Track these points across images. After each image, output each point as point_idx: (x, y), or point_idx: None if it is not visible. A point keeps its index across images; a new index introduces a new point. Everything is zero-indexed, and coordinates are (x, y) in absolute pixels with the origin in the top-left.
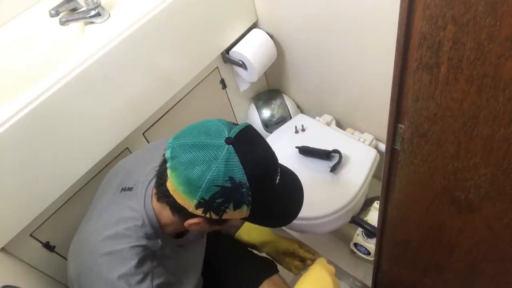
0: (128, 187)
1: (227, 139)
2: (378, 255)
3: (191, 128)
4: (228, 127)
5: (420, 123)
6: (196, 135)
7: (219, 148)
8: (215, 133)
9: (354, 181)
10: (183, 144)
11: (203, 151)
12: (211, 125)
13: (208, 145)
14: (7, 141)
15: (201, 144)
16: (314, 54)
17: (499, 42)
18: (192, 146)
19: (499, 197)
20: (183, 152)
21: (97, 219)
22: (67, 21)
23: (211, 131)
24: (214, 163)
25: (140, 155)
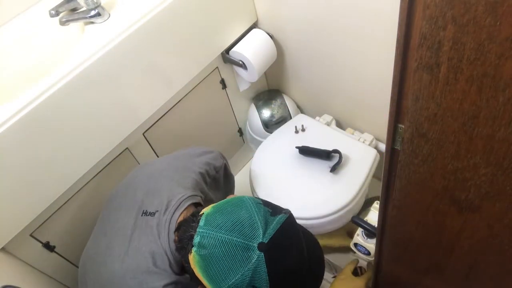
0: (150, 212)
1: (260, 244)
2: (378, 255)
3: (225, 213)
4: (263, 222)
5: (420, 123)
6: (228, 229)
7: (250, 254)
8: (249, 232)
9: (354, 181)
10: (214, 236)
11: (233, 253)
12: (246, 217)
13: (239, 246)
14: (7, 141)
15: (232, 243)
16: (314, 54)
17: (499, 42)
18: (223, 243)
19: (499, 197)
20: (212, 245)
21: (123, 246)
22: (67, 21)
23: (245, 227)
24: (241, 270)
25: (159, 173)
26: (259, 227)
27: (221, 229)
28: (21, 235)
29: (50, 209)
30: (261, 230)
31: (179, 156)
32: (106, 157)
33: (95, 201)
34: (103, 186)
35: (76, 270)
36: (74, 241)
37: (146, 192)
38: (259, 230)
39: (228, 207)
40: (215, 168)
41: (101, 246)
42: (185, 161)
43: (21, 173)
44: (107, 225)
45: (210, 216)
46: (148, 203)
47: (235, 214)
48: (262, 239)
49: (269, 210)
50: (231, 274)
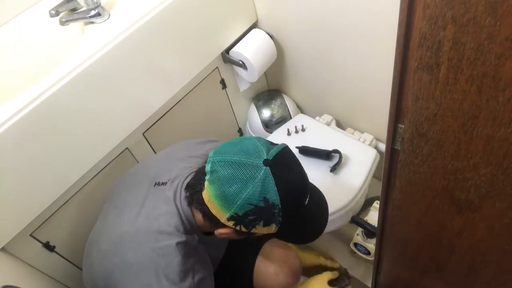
0: (162, 182)
1: (265, 160)
2: (378, 255)
3: (231, 144)
4: (266, 147)
5: (420, 123)
6: (236, 153)
7: (257, 168)
8: (254, 153)
9: (354, 181)
10: (223, 160)
11: (242, 170)
12: (250, 144)
13: (247, 164)
14: (7, 141)
15: (240, 162)
16: (314, 54)
17: (499, 42)
18: (232, 164)
19: (499, 197)
20: (222, 168)
21: (135, 211)
22: (67, 21)
23: (250, 150)
24: (251, 182)
25: (168, 155)
26: (263, 150)
27: (229, 154)
28: (21, 235)
29: (50, 209)
30: (265, 151)
31: (186, 144)
32: (106, 157)
33: (95, 201)
34: (103, 186)
35: (76, 270)
36: (74, 241)
37: (157, 169)
38: (263, 151)
39: (232, 140)
40: None
41: (109, 218)
42: (193, 147)
43: (21, 173)
44: (118, 200)
45: (218, 148)
46: (160, 175)
47: (239, 143)
48: (266, 156)
49: (268, 141)
50: (243, 188)
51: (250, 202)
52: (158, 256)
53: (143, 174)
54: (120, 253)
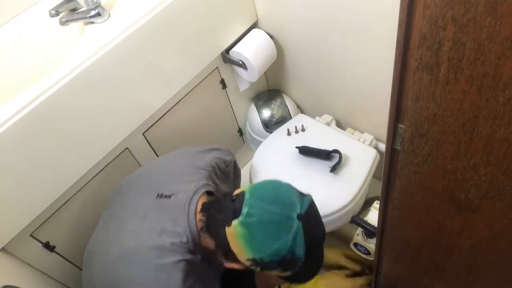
0: (165, 195)
1: (299, 215)
2: (378, 255)
3: (268, 188)
4: (299, 199)
5: (420, 123)
6: (273, 201)
7: (292, 222)
8: (289, 205)
9: (354, 181)
10: (261, 207)
11: (278, 222)
12: (286, 193)
13: (283, 216)
14: (7, 141)
15: (277, 213)
16: (314, 54)
17: (499, 42)
18: (270, 213)
19: (499, 197)
20: (259, 215)
21: (137, 224)
22: (67, 21)
23: (286, 201)
24: (284, 235)
25: (170, 165)
26: (297, 202)
27: (267, 201)
28: (21, 235)
29: (50, 209)
30: (299, 204)
31: (189, 152)
32: (106, 157)
33: (95, 201)
34: (103, 186)
35: (76, 270)
36: (74, 241)
37: (160, 180)
38: (297, 204)
39: (267, 185)
40: (225, 163)
41: (111, 228)
42: (196, 156)
43: (21, 173)
44: (119, 209)
45: (254, 191)
46: (163, 186)
47: (275, 190)
48: (300, 211)
49: (298, 191)
50: (275, 240)
51: (279, 253)
52: (160, 273)
53: (145, 183)
54: (122, 268)
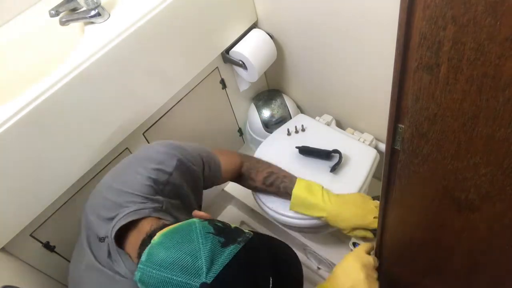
0: (103, 237)
1: (202, 285)
2: (378, 255)
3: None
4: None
5: (420, 123)
6: (170, 267)
7: None
8: (191, 268)
9: (354, 181)
10: (154, 275)
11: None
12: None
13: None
14: (7, 141)
15: (173, 283)
16: (314, 54)
17: (499, 42)
18: (163, 283)
19: (499, 197)
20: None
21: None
22: (67, 21)
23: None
24: None
25: (102, 189)
26: (203, 264)
27: (162, 267)
28: (21, 235)
29: (50, 209)
30: (205, 267)
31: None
32: (106, 157)
33: None
34: None
35: None
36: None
37: (95, 217)
38: (202, 267)
39: (173, 239)
40: (165, 174)
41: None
42: (128, 177)
43: (21, 173)
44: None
45: (153, 250)
46: (99, 228)
47: (179, 249)
48: (205, 278)
49: (220, 239)
50: None
51: None
52: None
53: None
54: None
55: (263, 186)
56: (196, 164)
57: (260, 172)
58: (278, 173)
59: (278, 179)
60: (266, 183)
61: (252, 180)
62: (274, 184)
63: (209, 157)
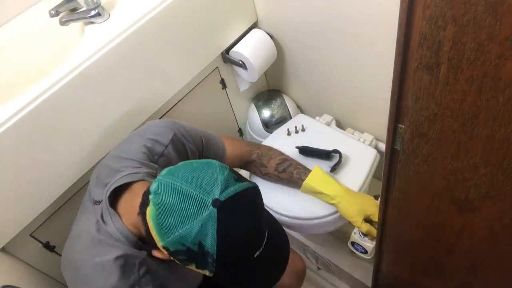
0: (96, 201)
1: (215, 201)
2: (378, 255)
3: (189, 167)
4: (224, 183)
5: (420, 123)
6: (188, 180)
7: (203, 207)
8: (207, 187)
9: (354, 181)
10: (171, 185)
11: (185, 203)
12: (209, 173)
13: (193, 198)
14: (7, 141)
15: (187, 193)
16: (314, 54)
17: (499, 42)
18: (178, 192)
19: (499, 197)
20: (166, 193)
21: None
22: (67, 21)
23: (204, 182)
24: (190, 221)
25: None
26: (218, 185)
27: (180, 179)
28: (21, 235)
29: (50, 209)
30: (220, 188)
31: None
32: None
33: None
34: None
35: None
36: None
37: (95, 182)
38: (217, 187)
39: (194, 163)
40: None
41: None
42: (126, 145)
43: (21, 173)
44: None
45: (174, 168)
46: (95, 192)
47: (198, 169)
48: (218, 196)
49: (235, 176)
50: (180, 224)
51: (183, 242)
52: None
53: (88, 190)
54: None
55: (275, 173)
56: (194, 142)
57: (273, 159)
58: (292, 161)
59: (291, 166)
60: (278, 169)
61: (264, 166)
62: (287, 170)
63: (212, 139)
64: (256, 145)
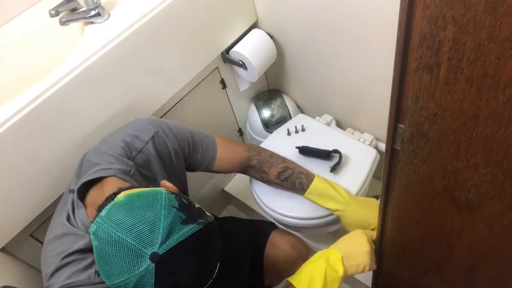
0: (71, 189)
1: (153, 255)
2: (378, 255)
3: (131, 210)
4: (166, 231)
5: (420, 123)
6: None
7: (141, 259)
8: (147, 237)
9: (354, 181)
10: (109, 232)
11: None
12: (151, 219)
13: (131, 250)
14: (7, 141)
15: (125, 245)
16: (314, 54)
17: (499, 42)
18: (115, 242)
19: (499, 197)
20: (104, 241)
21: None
22: (67, 21)
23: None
24: (127, 273)
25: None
26: (159, 235)
27: (119, 226)
28: (21, 235)
29: (50, 209)
30: (160, 238)
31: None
32: None
33: None
34: None
35: None
36: None
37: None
38: (157, 238)
39: (137, 202)
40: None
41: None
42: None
43: (21, 173)
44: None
45: (114, 208)
46: (72, 182)
47: (140, 213)
48: (157, 249)
49: (183, 216)
50: (117, 274)
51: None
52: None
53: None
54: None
55: (276, 181)
56: (179, 143)
57: (274, 167)
58: (294, 169)
59: (293, 175)
60: (280, 178)
61: (264, 173)
62: (288, 179)
63: (202, 141)
64: (257, 151)
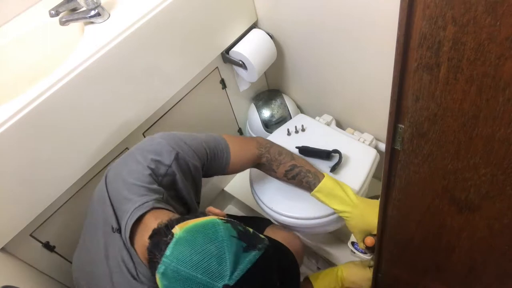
0: (115, 228)
1: (225, 286)
2: (378, 255)
3: (193, 246)
4: (233, 262)
5: (420, 123)
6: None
7: None
8: (215, 271)
9: (354, 181)
10: (178, 271)
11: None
12: (215, 252)
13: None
14: (7, 141)
15: (196, 281)
16: (314, 54)
17: (499, 42)
18: (186, 279)
19: (499, 197)
20: (174, 280)
21: (102, 261)
22: (67, 21)
23: (212, 264)
24: None
25: (114, 176)
26: (227, 267)
27: (186, 263)
28: (21, 235)
29: (50, 209)
30: (229, 270)
31: (127, 161)
32: (106, 156)
33: None
34: None
35: None
36: (74, 241)
37: (109, 207)
38: (226, 270)
39: (199, 237)
40: (164, 166)
41: (83, 252)
42: (130, 165)
43: (21, 173)
44: (86, 233)
45: (178, 246)
46: (110, 216)
47: (204, 248)
48: (228, 281)
49: (243, 244)
50: None
51: None
52: None
53: (100, 209)
54: None
55: (284, 178)
56: (199, 158)
57: (282, 165)
58: (302, 167)
59: (301, 173)
60: (287, 176)
61: (273, 171)
62: (296, 178)
63: (216, 147)
64: (267, 148)
